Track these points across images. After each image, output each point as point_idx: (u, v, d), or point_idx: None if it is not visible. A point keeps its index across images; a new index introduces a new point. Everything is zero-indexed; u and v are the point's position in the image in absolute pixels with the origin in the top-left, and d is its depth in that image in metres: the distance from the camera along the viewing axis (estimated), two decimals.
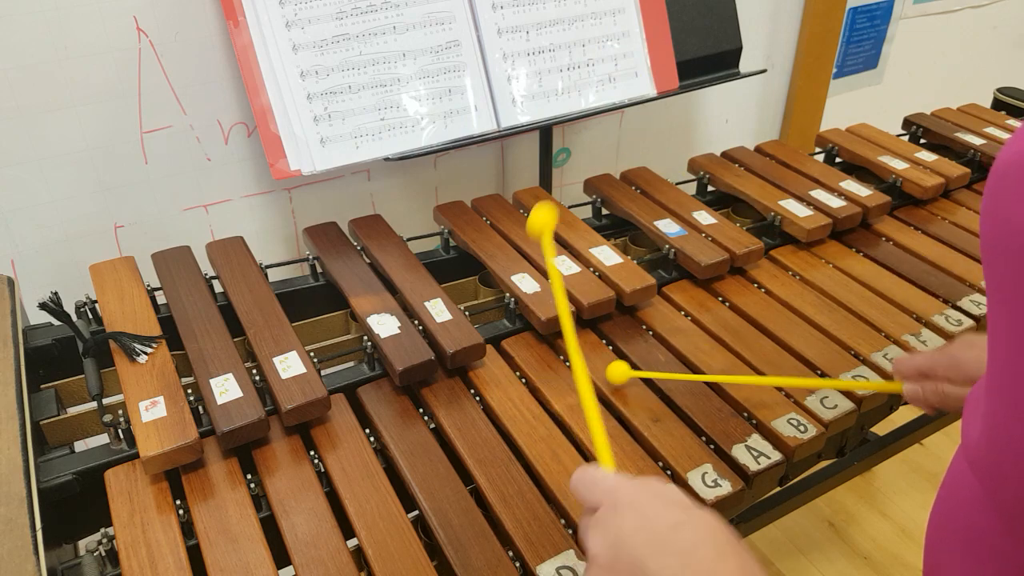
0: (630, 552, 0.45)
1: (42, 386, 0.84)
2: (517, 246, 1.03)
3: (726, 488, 0.74)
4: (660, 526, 0.46)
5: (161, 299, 0.91)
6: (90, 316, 0.88)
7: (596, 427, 0.57)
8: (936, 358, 0.71)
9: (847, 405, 0.84)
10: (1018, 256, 0.39)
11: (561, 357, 0.90)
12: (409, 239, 1.04)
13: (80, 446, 0.79)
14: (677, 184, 1.21)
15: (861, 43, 1.83)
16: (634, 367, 0.89)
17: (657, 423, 0.81)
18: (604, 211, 1.19)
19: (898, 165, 1.27)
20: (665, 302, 1.00)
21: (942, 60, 2.03)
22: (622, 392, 0.84)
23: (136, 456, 0.72)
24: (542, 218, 0.64)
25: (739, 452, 0.78)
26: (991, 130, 1.42)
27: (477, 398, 0.84)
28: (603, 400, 0.84)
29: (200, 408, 0.77)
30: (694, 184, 1.26)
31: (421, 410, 0.82)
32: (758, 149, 1.35)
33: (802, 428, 0.80)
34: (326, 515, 0.69)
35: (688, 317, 0.98)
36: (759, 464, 0.77)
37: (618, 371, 0.84)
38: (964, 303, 1.01)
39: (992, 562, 0.46)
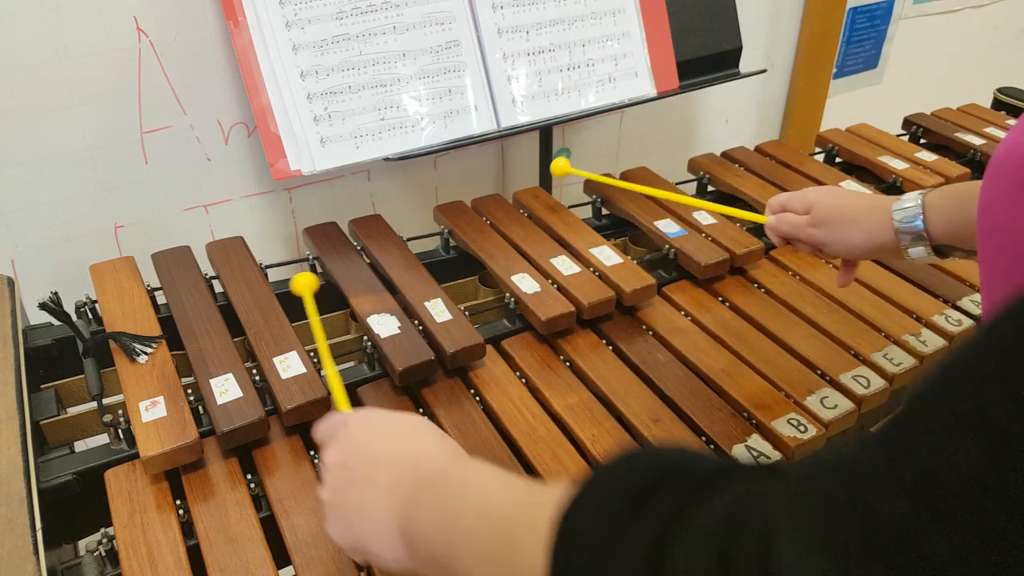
0: (358, 446, 0.53)
1: (42, 386, 0.84)
2: (517, 246, 1.03)
3: None
4: (380, 423, 0.55)
5: (161, 299, 0.90)
6: (90, 316, 0.88)
7: (331, 373, 0.66)
8: (793, 194, 0.85)
9: (847, 405, 0.84)
10: (1002, 243, 0.41)
11: (561, 357, 0.90)
12: (409, 239, 1.04)
13: (80, 446, 0.79)
14: (677, 184, 1.21)
15: (861, 43, 1.83)
16: (634, 367, 0.89)
17: (657, 423, 0.81)
18: (604, 211, 1.19)
19: (898, 165, 1.27)
20: (665, 302, 1.00)
21: (942, 60, 2.03)
22: (622, 392, 0.84)
23: (136, 456, 0.72)
24: (303, 282, 0.73)
25: (739, 452, 0.78)
26: (991, 130, 1.42)
27: (477, 398, 0.84)
28: (603, 400, 0.84)
29: (200, 408, 0.77)
30: (694, 184, 1.26)
31: (421, 410, 0.82)
32: (758, 149, 1.35)
33: (802, 428, 0.80)
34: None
35: (688, 317, 0.98)
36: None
37: (558, 166, 0.95)
38: (964, 303, 1.01)
39: None
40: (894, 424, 0.27)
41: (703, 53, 1.27)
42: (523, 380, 0.87)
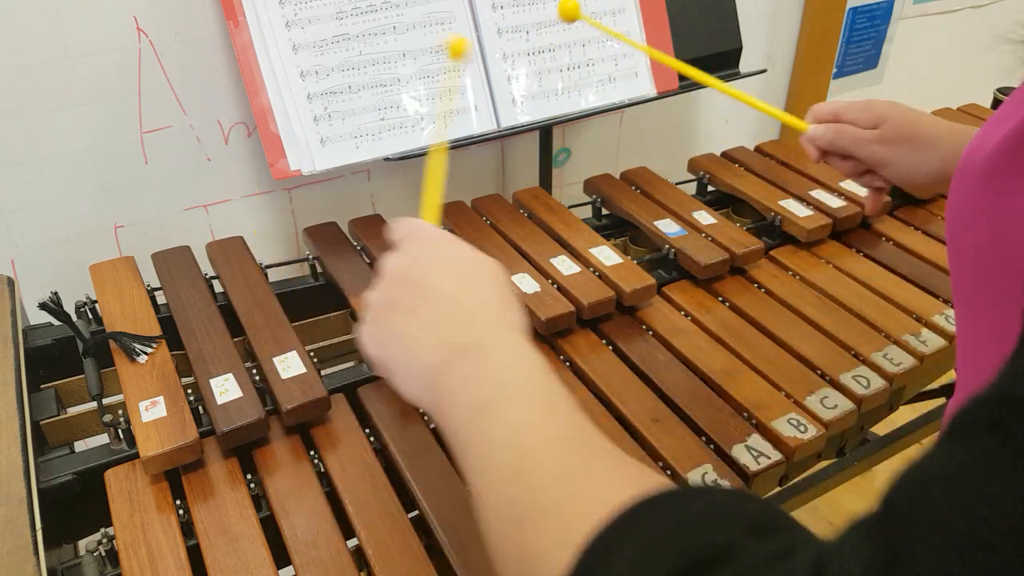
0: (423, 270, 0.49)
1: (42, 386, 0.84)
2: (517, 246, 1.03)
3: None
4: (456, 257, 0.50)
5: (161, 299, 0.90)
6: (90, 316, 0.88)
7: (433, 177, 0.61)
8: (852, 102, 0.74)
9: (847, 405, 0.84)
10: (972, 243, 0.39)
11: (561, 357, 0.90)
12: None
13: (80, 446, 0.79)
14: (677, 184, 1.21)
15: (861, 43, 1.82)
16: (633, 367, 0.89)
17: (657, 423, 0.81)
18: (604, 211, 1.19)
19: None
20: (665, 302, 1.00)
21: (942, 60, 2.03)
22: (622, 392, 0.84)
23: (136, 456, 0.72)
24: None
25: (739, 452, 0.78)
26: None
27: None
28: (603, 400, 0.84)
29: (200, 408, 0.77)
30: (694, 184, 1.26)
31: (421, 410, 0.82)
32: (758, 149, 1.35)
33: (802, 428, 0.80)
34: (326, 515, 0.69)
35: (688, 317, 0.98)
36: (759, 464, 0.77)
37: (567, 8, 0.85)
38: None
39: None
40: (880, 540, 0.26)
41: (703, 53, 1.27)
42: None
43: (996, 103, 1.60)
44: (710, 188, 1.26)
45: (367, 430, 0.79)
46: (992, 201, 0.39)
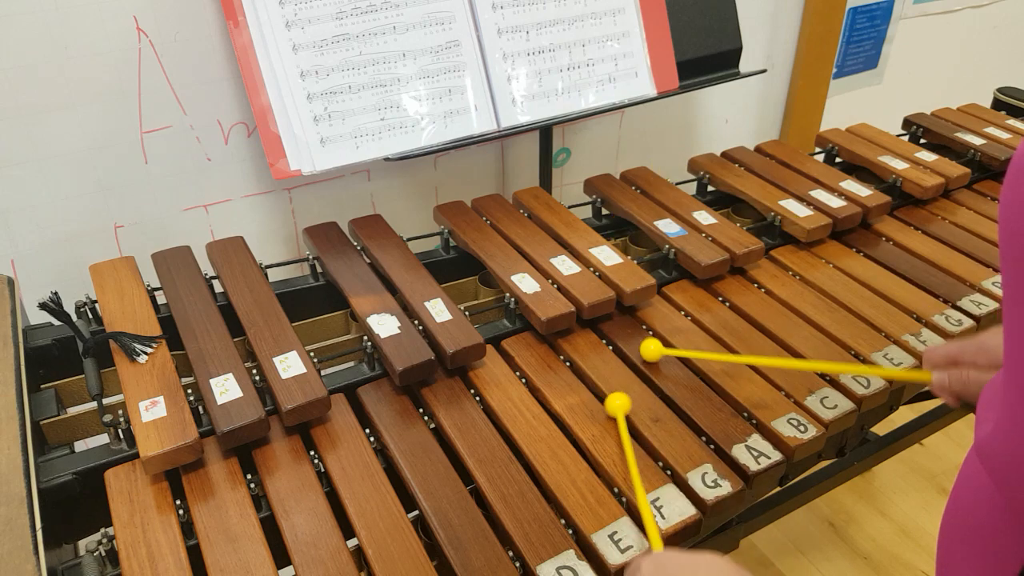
0: None
1: (42, 386, 0.84)
2: (517, 246, 1.03)
3: (726, 488, 0.74)
4: (674, 563, 0.53)
5: (161, 299, 0.90)
6: (90, 316, 0.88)
7: (646, 514, 0.68)
8: (964, 345, 0.70)
9: (847, 405, 0.84)
10: None
11: (561, 357, 0.90)
12: (409, 239, 1.04)
13: (80, 446, 0.79)
14: (677, 184, 1.21)
15: (861, 43, 1.83)
16: (634, 367, 0.89)
17: (657, 423, 0.81)
18: (604, 211, 1.19)
19: (898, 165, 1.27)
20: (665, 302, 1.00)
21: (942, 60, 2.03)
22: (622, 392, 0.84)
23: (136, 456, 0.72)
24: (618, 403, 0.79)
25: (739, 452, 0.78)
26: (991, 130, 1.41)
27: (477, 398, 0.84)
28: (603, 400, 0.84)
29: (200, 408, 0.77)
30: (694, 184, 1.26)
31: (421, 410, 0.82)
32: (758, 149, 1.35)
33: (802, 428, 0.80)
34: (326, 515, 0.69)
35: (688, 317, 0.98)
36: (759, 464, 0.77)
37: (651, 348, 0.88)
38: (964, 303, 1.01)
39: (1005, 562, 0.46)
40: None
41: (703, 53, 1.27)
42: (523, 380, 0.87)
43: (996, 103, 1.60)
44: (710, 188, 1.26)
45: (367, 430, 0.79)
46: None
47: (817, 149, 1.39)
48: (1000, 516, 0.46)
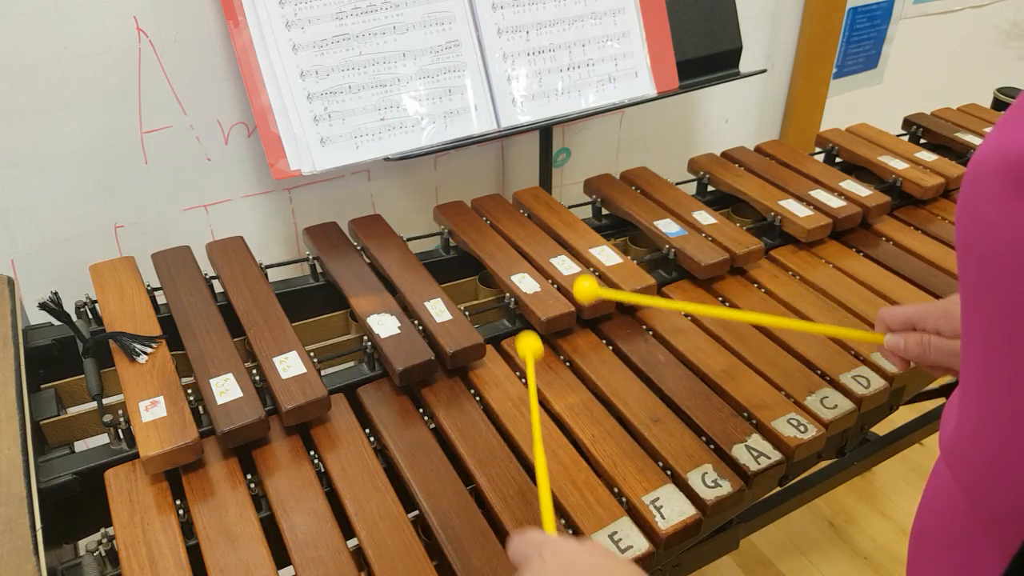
0: None
1: (42, 386, 0.84)
2: (517, 246, 1.03)
3: (726, 488, 0.74)
4: (581, 566, 0.48)
5: (161, 299, 0.91)
6: (90, 316, 0.88)
7: (544, 494, 0.60)
8: (926, 309, 0.67)
9: (847, 405, 0.84)
10: (992, 258, 0.38)
11: (561, 357, 0.90)
12: (409, 239, 1.04)
13: (80, 446, 0.79)
14: (677, 184, 1.21)
15: (861, 43, 1.83)
16: (633, 367, 0.89)
17: (657, 423, 0.81)
18: (604, 211, 1.19)
19: (898, 165, 1.27)
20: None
21: (942, 60, 2.03)
22: (622, 392, 0.84)
23: (136, 456, 0.72)
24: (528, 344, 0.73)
25: (739, 452, 0.78)
26: (991, 130, 1.41)
27: (477, 398, 0.84)
28: (603, 400, 0.84)
29: (200, 408, 0.77)
30: (694, 184, 1.26)
31: (421, 410, 0.82)
32: (758, 149, 1.35)
33: (802, 428, 0.80)
34: (326, 515, 0.69)
35: (688, 317, 0.98)
36: (759, 464, 0.77)
37: (584, 287, 0.81)
38: None
39: (971, 566, 0.45)
40: None
41: (703, 53, 1.27)
42: (523, 380, 0.87)
43: (996, 103, 1.60)
44: (710, 188, 1.26)
45: (367, 430, 0.79)
46: (1019, 208, 0.36)
47: (817, 149, 1.39)
48: (966, 520, 0.45)
